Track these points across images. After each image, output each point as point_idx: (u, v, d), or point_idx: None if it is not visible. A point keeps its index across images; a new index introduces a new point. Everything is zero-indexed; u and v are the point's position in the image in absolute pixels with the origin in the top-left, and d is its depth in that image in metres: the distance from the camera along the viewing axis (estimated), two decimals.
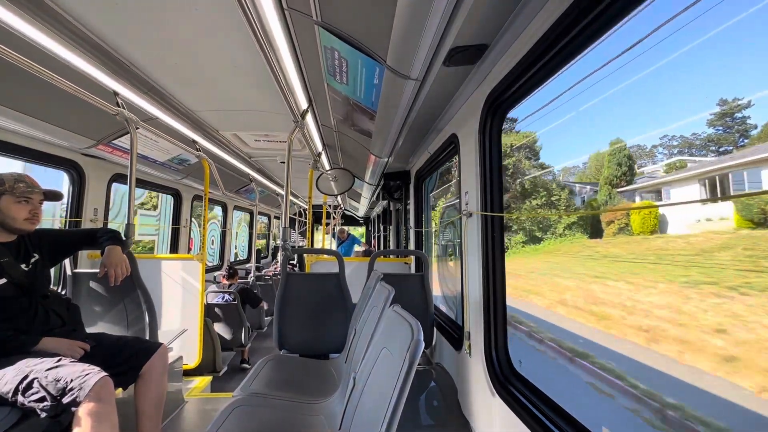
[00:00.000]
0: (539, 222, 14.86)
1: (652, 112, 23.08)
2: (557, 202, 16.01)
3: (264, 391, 1.69)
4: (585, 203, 15.99)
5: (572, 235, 14.07)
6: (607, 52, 3.06)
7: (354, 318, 2.10)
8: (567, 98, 19.61)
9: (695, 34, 16.97)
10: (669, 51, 18.07)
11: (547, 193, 16.45)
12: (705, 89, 21.66)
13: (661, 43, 16.09)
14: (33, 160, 2.42)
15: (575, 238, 13.92)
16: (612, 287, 9.28)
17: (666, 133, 16.67)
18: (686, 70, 21.79)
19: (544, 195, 16.34)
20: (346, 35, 1.46)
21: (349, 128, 2.76)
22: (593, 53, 1.20)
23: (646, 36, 4.13)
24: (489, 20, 1.30)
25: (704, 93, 21.97)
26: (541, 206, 15.60)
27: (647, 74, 19.30)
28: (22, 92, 1.87)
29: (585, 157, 18.82)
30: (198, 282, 2.90)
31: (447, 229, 4.61)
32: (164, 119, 2.34)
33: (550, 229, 14.67)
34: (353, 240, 8.57)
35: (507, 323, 1.61)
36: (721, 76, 20.17)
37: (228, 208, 6.05)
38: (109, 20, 1.47)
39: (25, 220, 1.55)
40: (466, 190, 1.87)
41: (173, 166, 3.60)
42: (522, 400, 1.36)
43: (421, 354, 0.80)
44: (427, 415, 2.00)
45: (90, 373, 1.34)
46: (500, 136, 1.64)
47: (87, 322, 1.88)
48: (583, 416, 1.15)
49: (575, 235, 14.03)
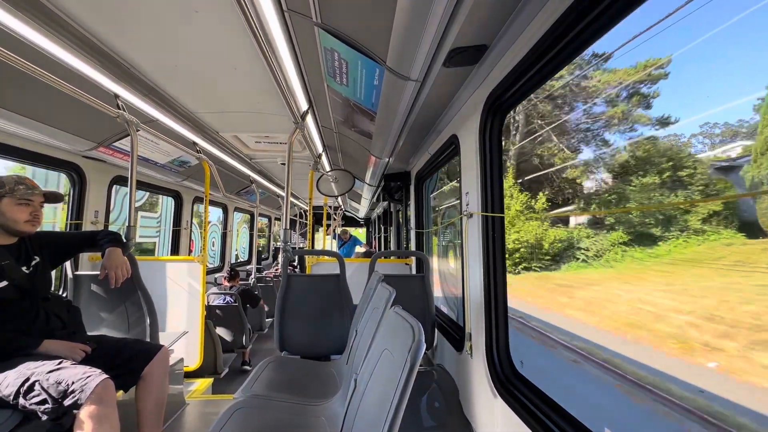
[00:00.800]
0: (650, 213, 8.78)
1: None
2: (688, 182, 8.95)
3: (265, 393, 1.69)
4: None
5: (716, 232, 8.01)
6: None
7: (355, 319, 2.10)
8: None
9: None
10: None
11: (671, 165, 9.32)
12: None
13: None
14: (34, 163, 2.43)
15: (725, 237, 7.94)
16: None
17: None
18: None
19: (664, 169, 9.36)
20: (345, 37, 1.46)
21: (349, 129, 2.76)
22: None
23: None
24: (489, 21, 1.30)
25: None
26: (654, 186, 9.23)
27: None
28: (23, 95, 1.88)
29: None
30: (199, 284, 2.90)
31: (447, 230, 4.61)
32: (165, 121, 2.34)
33: (675, 223, 8.42)
34: (355, 241, 8.57)
35: (508, 323, 1.61)
36: None
37: (228, 210, 6.05)
38: (110, 23, 1.48)
39: (26, 223, 1.55)
40: (466, 191, 1.87)
41: (174, 168, 3.61)
42: (524, 401, 1.36)
43: (422, 355, 0.80)
44: (429, 417, 2.00)
45: (91, 375, 1.34)
46: (500, 137, 1.64)
47: (88, 325, 1.88)
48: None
49: (721, 232, 7.99)
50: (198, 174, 3.92)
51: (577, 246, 10.47)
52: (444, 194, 4.88)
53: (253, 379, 1.79)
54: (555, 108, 12.63)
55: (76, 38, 1.49)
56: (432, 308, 2.44)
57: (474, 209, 1.75)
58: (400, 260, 3.40)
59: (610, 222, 9.04)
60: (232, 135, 3.06)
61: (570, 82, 12.39)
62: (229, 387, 3.09)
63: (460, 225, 1.95)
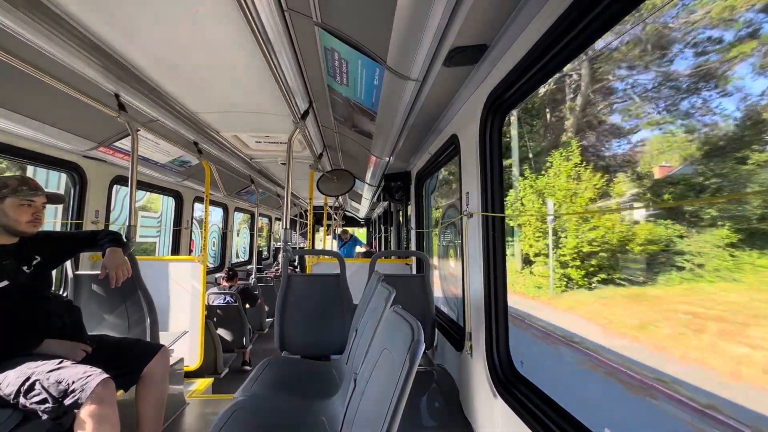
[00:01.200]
0: None
1: None
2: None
3: (265, 392, 1.69)
4: None
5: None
6: None
7: (355, 319, 2.10)
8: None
9: None
10: None
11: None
12: None
13: None
14: (35, 163, 2.43)
15: None
16: None
17: None
18: None
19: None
20: (346, 36, 1.46)
21: (349, 129, 2.76)
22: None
23: None
24: (489, 20, 1.30)
25: None
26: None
27: None
28: (24, 95, 1.88)
29: None
30: (199, 283, 2.90)
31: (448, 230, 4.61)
32: (165, 121, 2.34)
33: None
34: (355, 241, 8.59)
35: (508, 323, 1.61)
36: None
37: (229, 210, 6.06)
38: (110, 23, 1.48)
39: (28, 223, 1.55)
40: (466, 191, 1.87)
41: (174, 168, 3.61)
42: (524, 401, 1.36)
43: (421, 355, 0.80)
44: (429, 417, 2.00)
45: (92, 375, 1.34)
46: (501, 136, 1.64)
47: (88, 324, 1.88)
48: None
49: None
50: (198, 174, 3.93)
51: (673, 248, 7.12)
52: (444, 194, 4.77)
53: (253, 379, 1.79)
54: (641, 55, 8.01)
55: (76, 38, 1.49)
56: (432, 308, 2.44)
57: (474, 209, 1.75)
58: (400, 260, 3.40)
59: (707, 216, 6.42)
60: (232, 135, 3.07)
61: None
62: (230, 387, 3.09)
63: (460, 225, 1.95)
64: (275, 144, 3.34)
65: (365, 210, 8.38)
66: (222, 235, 6.18)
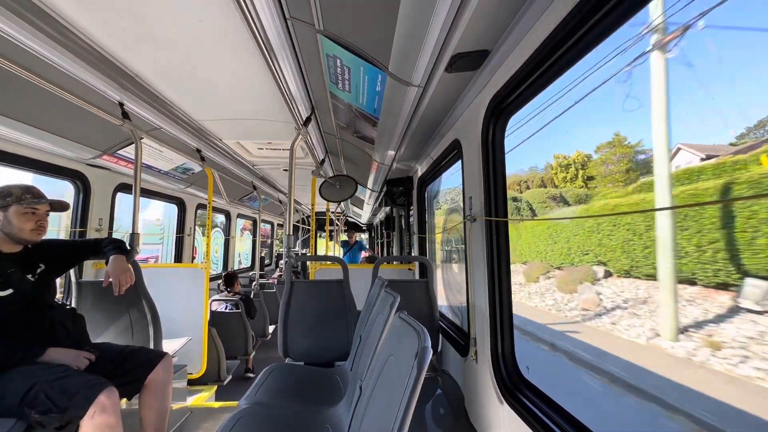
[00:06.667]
0: None
1: None
2: None
3: (269, 400, 1.68)
4: None
5: None
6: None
7: (359, 325, 2.09)
8: None
9: None
10: None
11: None
12: None
13: None
14: (39, 171, 2.45)
15: None
16: None
17: None
18: None
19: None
20: (348, 43, 1.47)
21: (351, 135, 2.77)
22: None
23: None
24: (490, 26, 1.31)
25: None
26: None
27: None
28: (28, 104, 1.90)
29: None
30: (202, 290, 2.90)
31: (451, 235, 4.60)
32: (168, 129, 2.36)
33: None
34: (360, 246, 8.57)
35: (513, 328, 1.60)
36: None
37: (231, 217, 6.07)
38: (114, 33, 1.50)
39: (32, 231, 1.56)
40: (469, 195, 1.86)
41: (177, 176, 3.63)
42: (531, 407, 1.34)
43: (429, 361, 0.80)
44: (434, 423, 1.98)
45: (95, 383, 1.34)
46: (503, 141, 1.64)
47: (92, 332, 1.88)
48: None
49: None
50: (201, 181, 3.94)
51: None
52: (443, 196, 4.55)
53: (257, 387, 1.78)
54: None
55: (81, 48, 1.51)
56: (436, 313, 2.43)
57: (477, 213, 1.75)
58: (403, 265, 3.39)
59: None
60: (235, 142, 3.08)
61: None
62: (233, 394, 3.08)
63: (463, 229, 1.94)
64: (278, 150, 3.35)
65: (367, 215, 8.38)
66: (224, 242, 6.18)
